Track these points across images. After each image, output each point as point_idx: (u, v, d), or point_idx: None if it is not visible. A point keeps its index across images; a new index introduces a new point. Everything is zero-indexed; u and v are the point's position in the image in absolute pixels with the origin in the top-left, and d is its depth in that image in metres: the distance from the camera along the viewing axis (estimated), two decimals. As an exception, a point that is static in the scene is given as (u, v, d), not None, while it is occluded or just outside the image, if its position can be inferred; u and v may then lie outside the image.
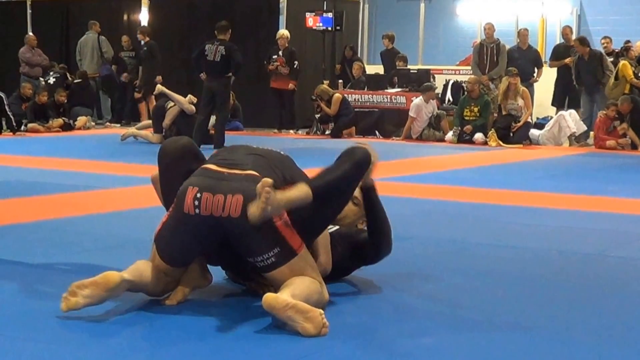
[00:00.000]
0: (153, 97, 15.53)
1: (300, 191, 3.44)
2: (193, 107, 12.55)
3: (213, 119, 12.45)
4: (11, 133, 13.52)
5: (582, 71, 14.06)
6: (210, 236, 3.49)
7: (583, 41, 14.23)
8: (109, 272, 3.39)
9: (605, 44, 14.81)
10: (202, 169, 3.57)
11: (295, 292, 3.28)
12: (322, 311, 3.22)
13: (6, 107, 13.45)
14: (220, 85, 11.80)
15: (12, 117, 13.52)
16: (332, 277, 3.89)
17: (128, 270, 3.51)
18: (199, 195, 3.42)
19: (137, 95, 16.07)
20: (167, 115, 12.57)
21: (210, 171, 3.53)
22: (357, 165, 3.66)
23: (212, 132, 12.27)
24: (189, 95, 12.74)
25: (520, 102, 13.69)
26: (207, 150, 3.89)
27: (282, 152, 3.77)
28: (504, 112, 13.94)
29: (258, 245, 3.43)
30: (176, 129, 12.35)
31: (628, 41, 14.85)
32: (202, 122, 12.01)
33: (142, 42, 16.04)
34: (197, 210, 3.41)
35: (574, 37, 15.15)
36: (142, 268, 3.55)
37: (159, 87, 13.46)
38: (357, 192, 4.09)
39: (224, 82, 11.83)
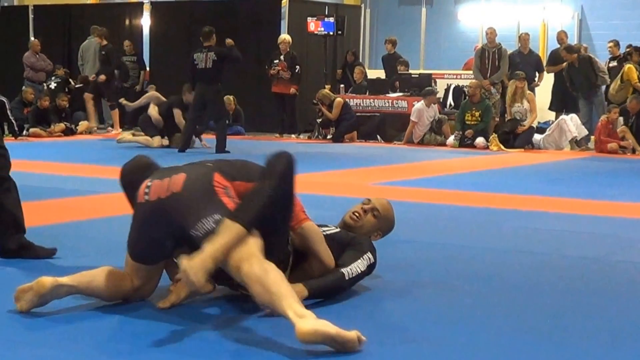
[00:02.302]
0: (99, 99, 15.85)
1: (229, 235, 3.28)
2: (159, 120, 12.86)
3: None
4: (13, 138, 13.52)
5: (575, 77, 14.13)
6: (161, 221, 3.46)
7: (570, 49, 14.33)
8: (43, 278, 3.42)
9: (610, 48, 14.85)
10: (162, 167, 3.70)
11: (292, 295, 3.14)
12: (359, 334, 3.08)
13: (8, 112, 13.46)
14: (212, 93, 11.82)
15: (14, 121, 13.52)
16: None
17: (73, 275, 3.52)
18: (149, 183, 3.52)
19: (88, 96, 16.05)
20: (152, 116, 12.76)
21: (167, 167, 3.66)
22: (284, 177, 3.47)
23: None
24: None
25: (526, 105, 13.72)
26: (197, 155, 3.89)
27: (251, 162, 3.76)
28: (508, 117, 13.97)
29: (197, 211, 3.37)
30: (168, 122, 12.66)
31: (630, 45, 14.88)
32: (189, 126, 12.06)
33: (101, 45, 15.98)
34: (146, 197, 3.49)
35: (573, 41, 15.18)
36: (94, 274, 3.55)
37: (128, 105, 14.21)
38: (378, 205, 4.12)
39: (215, 88, 11.85)
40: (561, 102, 14.80)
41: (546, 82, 15.01)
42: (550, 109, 15.02)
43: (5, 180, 4.57)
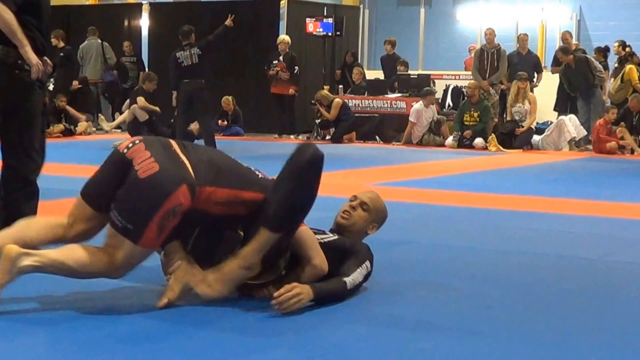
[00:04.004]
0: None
1: (260, 240, 3.56)
2: (143, 113, 12.99)
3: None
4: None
5: (572, 78, 14.14)
6: (119, 176, 3.55)
7: (565, 50, 14.37)
8: None
9: (615, 48, 14.89)
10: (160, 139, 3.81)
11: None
12: None
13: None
14: (197, 88, 11.83)
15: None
16: None
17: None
18: (137, 141, 3.62)
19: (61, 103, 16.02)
20: (140, 116, 12.89)
21: (162, 144, 3.65)
22: (309, 170, 3.64)
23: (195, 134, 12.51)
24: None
25: (527, 106, 13.73)
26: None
27: (246, 166, 3.78)
28: (508, 118, 13.98)
29: (128, 207, 3.49)
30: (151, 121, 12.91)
31: (629, 46, 14.91)
32: (182, 127, 12.06)
33: (58, 47, 15.91)
34: (125, 150, 3.59)
35: (573, 41, 15.19)
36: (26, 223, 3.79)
37: (110, 125, 14.76)
38: (365, 198, 4.10)
39: (199, 84, 11.87)
40: (566, 103, 14.81)
41: (545, 83, 15.02)
42: (555, 109, 15.04)
43: (31, 185, 4.61)
